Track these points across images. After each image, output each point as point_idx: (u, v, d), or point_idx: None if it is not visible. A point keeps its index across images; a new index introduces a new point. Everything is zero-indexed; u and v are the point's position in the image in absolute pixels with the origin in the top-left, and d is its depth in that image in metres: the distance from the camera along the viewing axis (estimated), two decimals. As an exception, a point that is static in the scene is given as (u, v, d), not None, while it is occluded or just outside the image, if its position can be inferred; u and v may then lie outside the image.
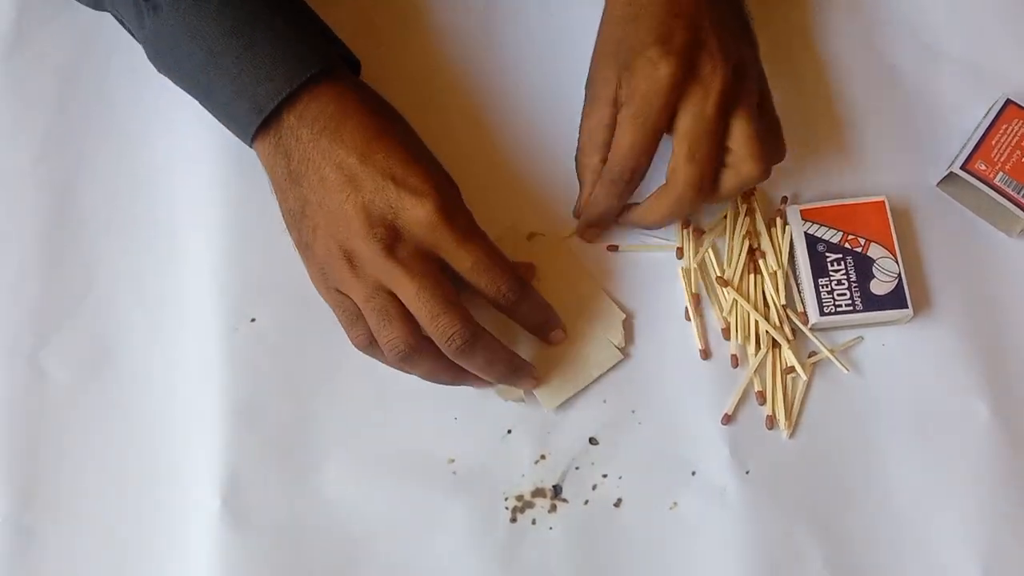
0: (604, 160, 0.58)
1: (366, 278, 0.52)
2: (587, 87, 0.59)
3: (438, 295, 0.51)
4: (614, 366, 0.59)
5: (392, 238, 0.51)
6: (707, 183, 0.56)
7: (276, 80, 0.52)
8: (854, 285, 0.59)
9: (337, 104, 0.53)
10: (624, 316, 0.60)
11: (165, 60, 0.56)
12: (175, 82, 0.57)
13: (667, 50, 0.54)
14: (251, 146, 0.55)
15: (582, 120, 0.59)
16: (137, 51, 0.63)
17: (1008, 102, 0.63)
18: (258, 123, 0.53)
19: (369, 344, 0.53)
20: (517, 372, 0.56)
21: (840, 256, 0.60)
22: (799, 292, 0.61)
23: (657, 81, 0.54)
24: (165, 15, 0.53)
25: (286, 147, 0.53)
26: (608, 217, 0.60)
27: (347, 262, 0.52)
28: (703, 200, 0.57)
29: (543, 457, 0.58)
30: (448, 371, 0.54)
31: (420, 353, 0.52)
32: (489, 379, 0.55)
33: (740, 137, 0.56)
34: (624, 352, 0.60)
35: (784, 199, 0.63)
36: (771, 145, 0.59)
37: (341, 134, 0.52)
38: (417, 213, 0.50)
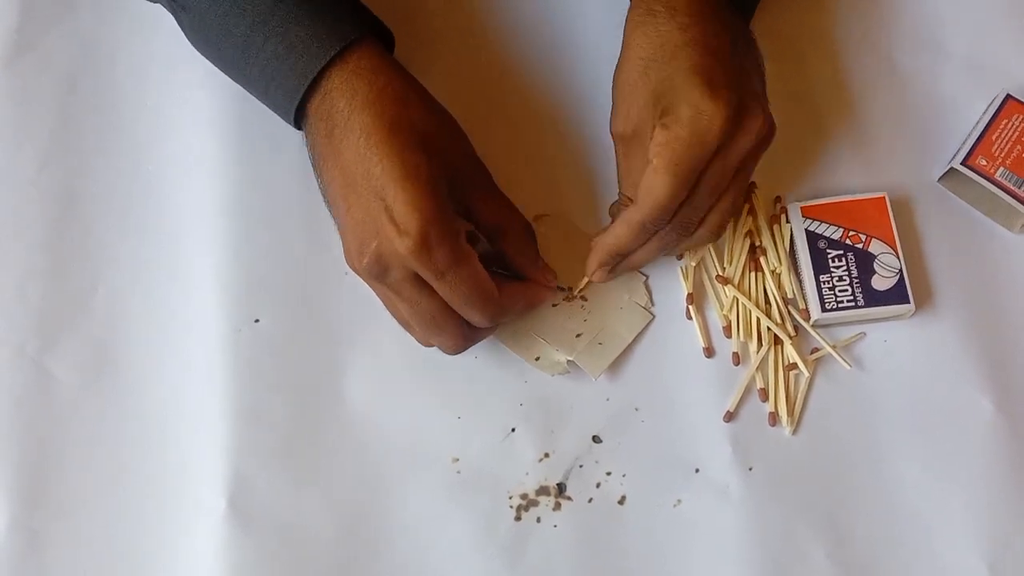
0: None
1: (371, 286, 0.54)
2: (620, 134, 0.56)
3: (426, 319, 0.53)
4: (643, 328, 0.60)
5: (380, 268, 0.51)
6: (694, 227, 0.55)
7: (291, 78, 0.53)
8: (855, 281, 0.60)
9: (348, 99, 0.51)
10: (645, 277, 0.61)
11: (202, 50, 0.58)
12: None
13: (714, 96, 0.50)
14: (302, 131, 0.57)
15: (624, 169, 0.57)
16: (140, 55, 0.64)
17: (1008, 97, 0.63)
18: (291, 118, 0.55)
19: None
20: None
21: (841, 252, 0.60)
22: (801, 289, 0.61)
23: (706, 133, 0.50)
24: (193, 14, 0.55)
25: (312, 140, 0.54)
26: (621, 258, 0.57)
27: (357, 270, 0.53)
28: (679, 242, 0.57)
29: (547, 455, 0.58)
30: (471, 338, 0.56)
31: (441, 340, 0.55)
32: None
33: (719, 208, 0.55)
34: (651, 312, 0.61)
35: (778, 197, 0.63)
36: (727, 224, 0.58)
37: (348, 136, 0.51)
38: (397, 247, 0.49)
